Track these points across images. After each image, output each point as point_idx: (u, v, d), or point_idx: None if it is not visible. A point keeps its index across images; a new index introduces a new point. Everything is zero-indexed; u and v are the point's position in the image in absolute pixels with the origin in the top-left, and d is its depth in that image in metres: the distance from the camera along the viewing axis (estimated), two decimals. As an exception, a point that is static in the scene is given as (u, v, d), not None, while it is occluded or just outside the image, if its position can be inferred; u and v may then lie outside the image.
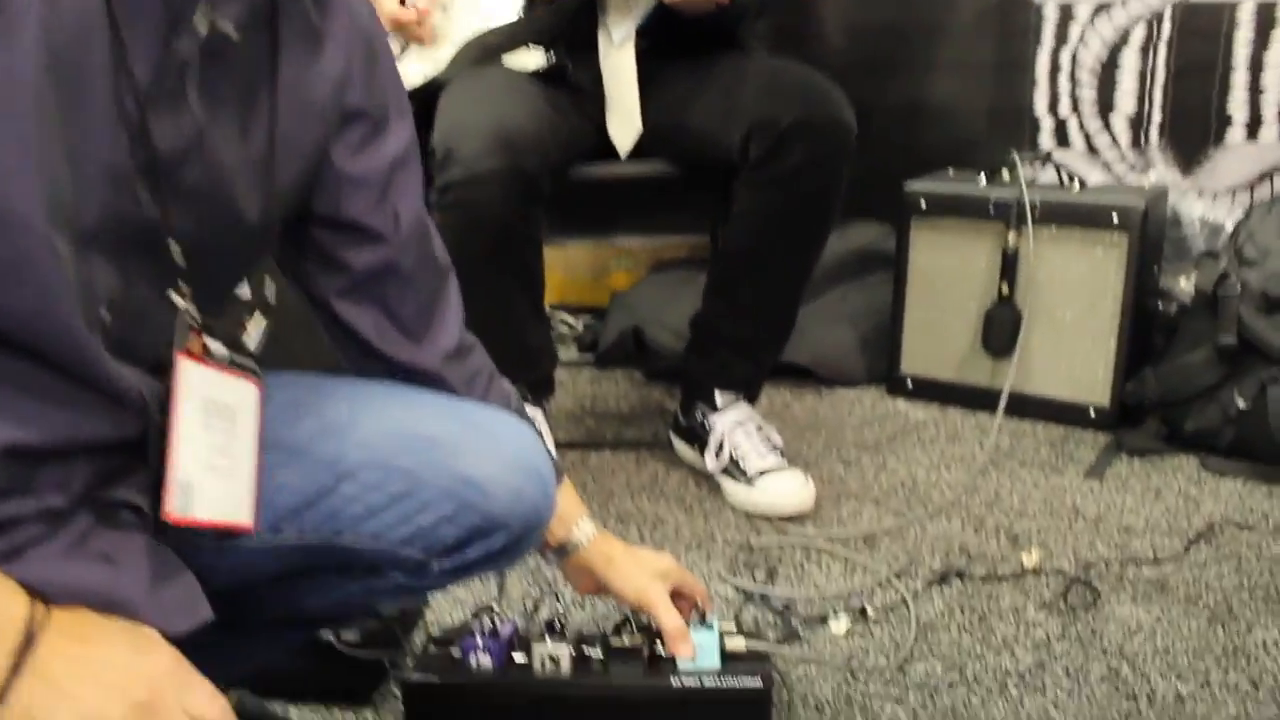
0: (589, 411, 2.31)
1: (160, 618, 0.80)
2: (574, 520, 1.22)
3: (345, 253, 1.00)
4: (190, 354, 0.82)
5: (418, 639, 1.42)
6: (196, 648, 0.85)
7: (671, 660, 1.23)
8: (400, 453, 0.96)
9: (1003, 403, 2.00)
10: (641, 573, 1.24)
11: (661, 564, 1.27)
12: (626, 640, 1.26)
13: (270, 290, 0.95)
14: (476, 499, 0.96)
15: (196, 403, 0.82)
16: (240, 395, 0.87)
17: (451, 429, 0.98)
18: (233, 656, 1.05)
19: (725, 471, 1.83)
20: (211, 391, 0.83)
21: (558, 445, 2.04)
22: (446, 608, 1.55)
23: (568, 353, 2.72)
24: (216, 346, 0.85)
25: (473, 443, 0.98)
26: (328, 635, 1.37)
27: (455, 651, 1.26)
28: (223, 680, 1.16)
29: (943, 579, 1.56)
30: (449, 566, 0.99)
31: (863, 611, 1.48)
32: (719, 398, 1.87)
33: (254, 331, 0.91)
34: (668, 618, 1.21)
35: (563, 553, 1.23)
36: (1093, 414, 2.12)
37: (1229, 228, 2.12)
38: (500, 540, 0.98)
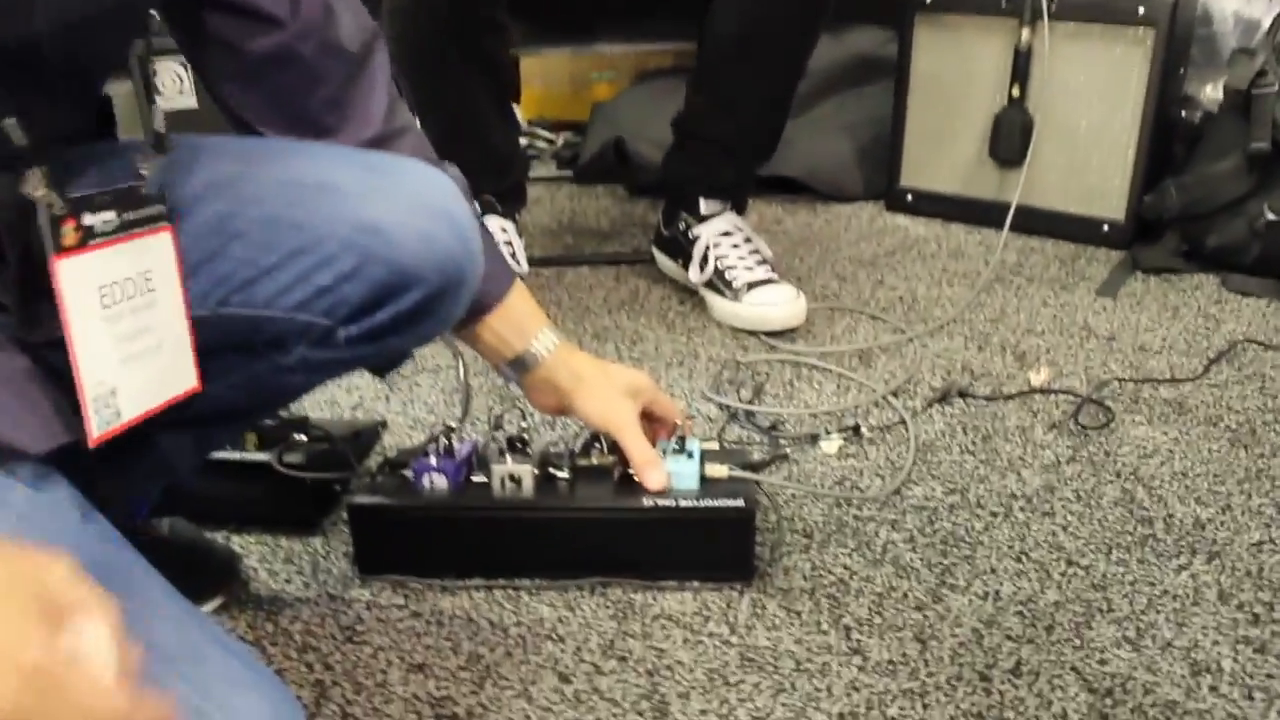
0: (567, 228, 2.16)
1: (18, 434, 0.68)
2: (532, 331, 1.08)
3: (237, 39, 0.88)
4: (66, 251, 0.70)
5: (374, 463, 1.30)
6: (91, 467, 0.73)
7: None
8: (293, 204, 0.82)
9: (1010, 216, 1.86)
10: (609, 391, 1.11)
11: (634, 380, 1.14)
12: (595, 459, 1.15)
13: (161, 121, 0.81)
14: (379, 247, 0.82)
15: (90, 299, 0.72)
16: (150, 253, 0.76)
17: (350, 174, 0.84)
18: (138, 471, 0.93)
19: (710, 285, 1.69)
20: (107, 275, 0.73)
21: (532, 262, 1.90)
22: (406, 430, 1.43)
23: (546, 169, 2.56)
24: (99, 221, 0.72)
25: (374, 186, 0.84)
26: (267, 457, 1.25)
27: (409, 473, 1.15)
28: (135, 499, 1.05)
29: (944, 398, 1.44)
30: (357, 333, 0.85)
31: (856, 430, 1.36)
32: (704, 205, 1.71)
33: (152, 173, 0.78)
34: (636, 444, 1.09)
35: (521, 367, 1.09)
36: (1107, 229, 1.97)
37: (1266, 24, 1.93)
38: (414, 298, 0.85)
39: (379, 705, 0.98)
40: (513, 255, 1.70)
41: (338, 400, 1.50)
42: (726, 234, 1.70)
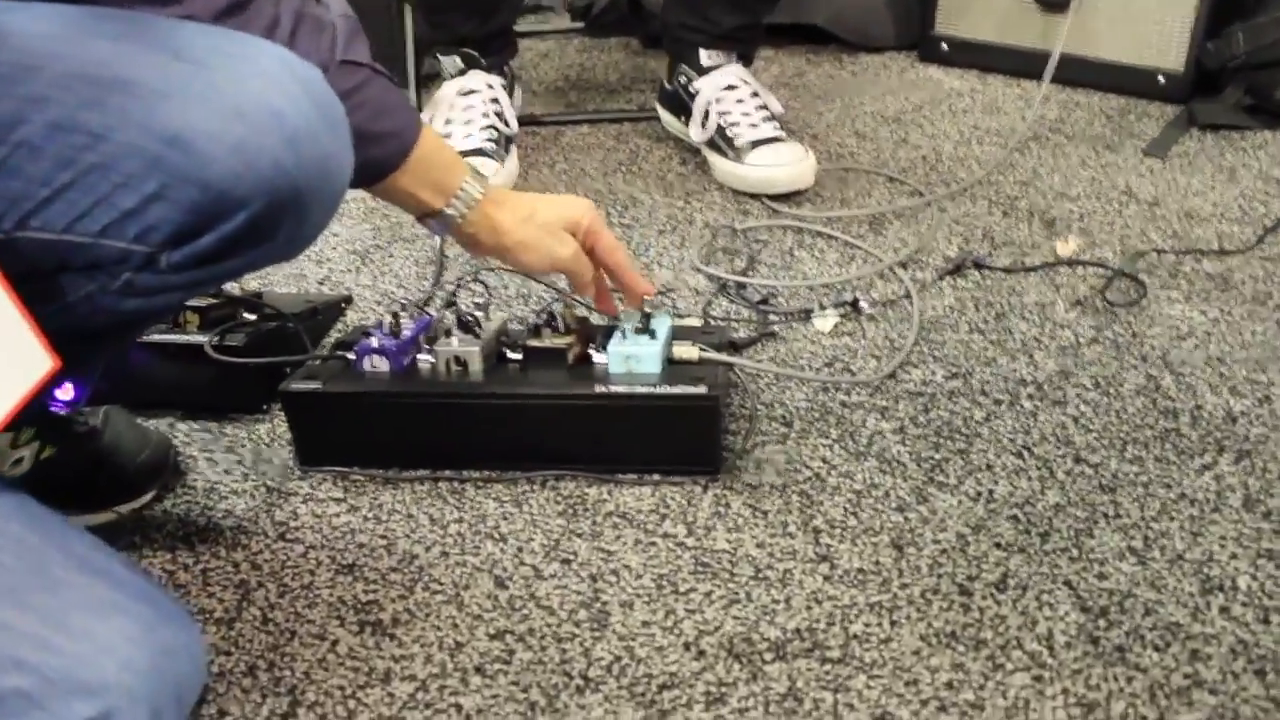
0: (573, 84, 2.01)
1: None
2: (449, 188, 0.93)
3: None
4: None
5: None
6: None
7: (603, 367, 1.01)
8: (86, 106, 0.67)
9: (1052, 65, 1.67)
10: (533, 248, 0.98)
11: (567, 214, 0.99)
12: (548, 340, 1.04)
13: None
14: (186, 165, 0.67)
15: None
16: None
17: (152, 66, 0.68)
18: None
19: (712, 143, 1.55)
20: None
21: (528, 122, 1.76)
22: (373, 305, 1.32)
23: (560, 21, 2.39)
24: None
25: (180, 83, 0.68)
26: (204, 340, 1.15)
27: (352, 355, 1.05)
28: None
29: (957, 269, 1.30)
30: (182, 259, 0.72)
31: (855, 305, 1.23)
32: (705, 57, 1.55)
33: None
34: (580, 279, 1.00)
35: (443, 226, 0.96)
36: (1162, 81, 1.78)
37: None
38: (240, 221, 0.70)
39: (301, 610, 0.90)
40: (499, 115, 1.56)
41: (305, 273, 1.40)
42: (730, 88, 1.54)
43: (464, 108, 1.55)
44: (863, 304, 1.23)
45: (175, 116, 0.67)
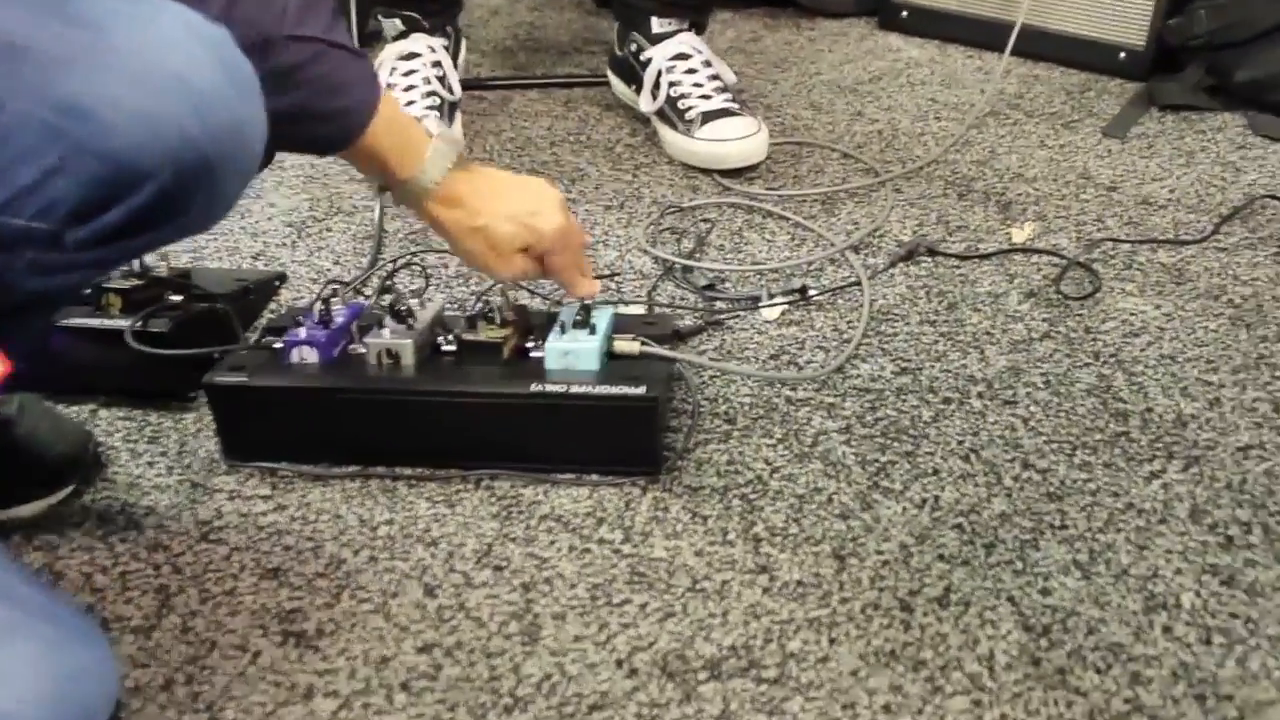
0: (522, 44, 1.95)
1: None
2: (402, 173, 0.91)
3: None
4: None
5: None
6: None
7: (540, 362, 0.97)
8: None
9: (1013, 38, 1.64)
10: (477, 254, 0.96)
11: (528, 210, 0.95)
12: (484, 334, 1.00)
13: None
14: (85, 135, 0.64)
15: None
16: None
17: (46, 30, 0.64)
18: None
19: (662, 115, 1.50)
20: None
21: (474, 86, 1.70)
22: (308, 283, 1.28)
23: (513, -26, 2.33)
24: None
25: (77, 48, 0.64)
26: (124, 325, 1.10)
27: (281, 344, 1.01)
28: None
29: (909, 255, 1.27)
30: (87, 236, 0.68)
31: (804, 292, 1.20)
32: (656, 24, 1.50)
33: None
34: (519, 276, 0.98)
35: (404, 200, 0.94)
36: (1124, 57, 1.74)
37: None
38: (148, 195, 0.66)
39: (223, 618, 0.86)
40: (442, 80, 1.50)
41: (239, 246, 1.35)
42: (682, 57, 1.49)
43: (405, 72, 1.49)
44: (812, 291, 1.20)
45: (73, 84, 0.63)
